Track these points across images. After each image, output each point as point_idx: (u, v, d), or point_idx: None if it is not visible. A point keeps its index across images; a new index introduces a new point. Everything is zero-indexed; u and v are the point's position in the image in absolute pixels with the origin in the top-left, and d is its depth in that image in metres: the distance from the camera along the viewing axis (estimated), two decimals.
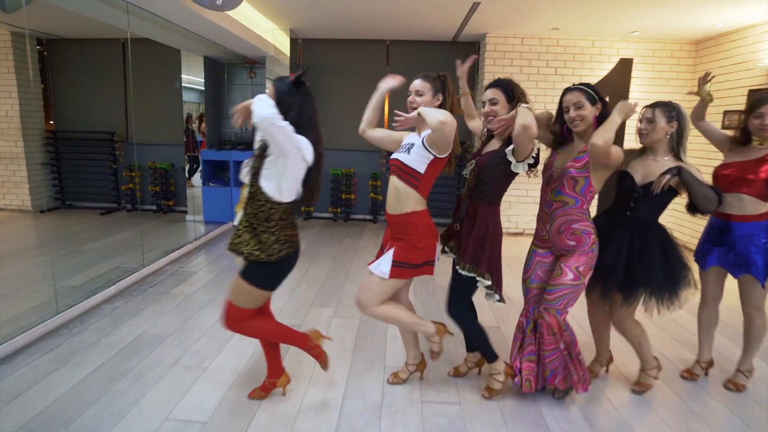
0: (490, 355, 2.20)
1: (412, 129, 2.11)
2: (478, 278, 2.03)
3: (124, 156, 6.07)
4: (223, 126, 6.40)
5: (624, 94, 5.58)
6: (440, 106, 2.01)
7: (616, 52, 5.51)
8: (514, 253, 4.69)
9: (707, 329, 2.45)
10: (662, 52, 5.48)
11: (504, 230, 2.32)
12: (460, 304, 2.16)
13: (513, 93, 2.02)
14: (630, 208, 2.13)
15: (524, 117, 1.83)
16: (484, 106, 2.08)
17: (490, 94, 2.05)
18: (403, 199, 1.97)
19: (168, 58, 5.46)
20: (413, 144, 1.99)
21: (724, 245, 2.27)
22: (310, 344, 2.07)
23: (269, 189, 1.77)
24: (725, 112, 4.87)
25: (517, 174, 2.01)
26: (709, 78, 2.32)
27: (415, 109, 1.95)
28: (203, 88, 5.84)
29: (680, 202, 2.16)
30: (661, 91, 5.52)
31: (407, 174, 1.96)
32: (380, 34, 5.80)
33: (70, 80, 6.10)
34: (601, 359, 2.47)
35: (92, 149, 6.10)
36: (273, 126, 1.64)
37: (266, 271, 1.86)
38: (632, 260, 2.07)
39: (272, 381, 2.14)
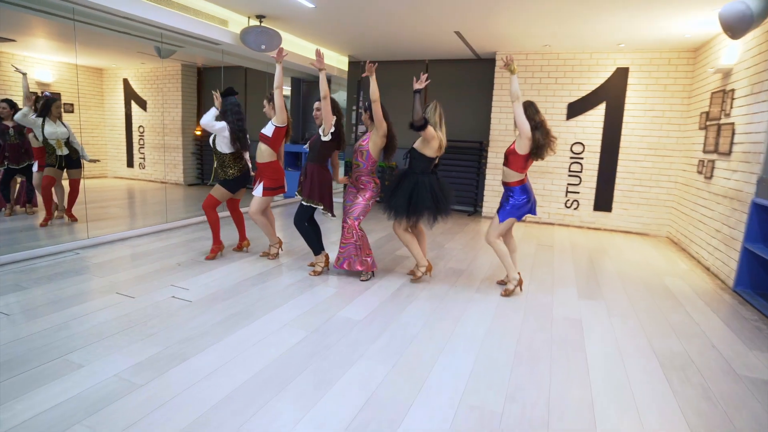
0: (316, 250, 3.79)
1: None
2: (313, 205, 3.63)
3: None
4: (301, 128, 8.65)
5: (621, 100, 6.25)
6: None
7: (613, 62, 6.23)
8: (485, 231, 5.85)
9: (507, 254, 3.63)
10: (659, 60, 6.03)
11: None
12: (302, 221, 3.73)
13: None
14: (410, 165, 3.59)
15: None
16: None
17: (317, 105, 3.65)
18: (264, 153, 3.75)
19: (269, 79, 7.86)
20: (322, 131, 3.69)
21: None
22: (217, 247, 4.02)
23: (222, 148, 3.71)
24: (701, 113, 5.34)
25: (328, 142, 3.54)
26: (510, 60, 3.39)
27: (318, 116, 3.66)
28: (289, 96, 8.15)
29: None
30: (658, 97, 6.08)
31: (264, 139, 3.76)
32: (420, 55, 7.40)
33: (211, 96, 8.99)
34: (419, 266, 3.75)
35: None
36: (207, 125, 3.62)
37: (229, 182, 3.84)
38: (408, 197, 3.46)
39: (217, 247, 4.08)
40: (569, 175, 6.68)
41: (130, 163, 9.08)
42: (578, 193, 6.68)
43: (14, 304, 2.93)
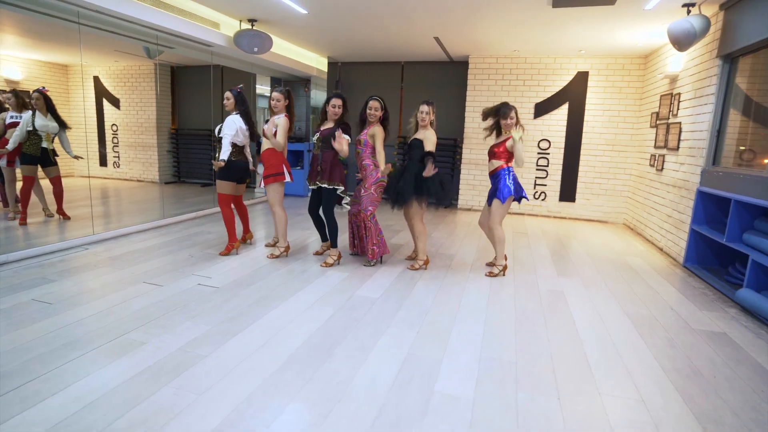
0: (334, 243, 4.06)
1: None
2: (336, 187, 3.89)
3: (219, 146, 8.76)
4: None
5: (582, 100, 6.93)
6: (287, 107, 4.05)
7: (575, 67, 6.89)
8: (464, 221, 6.35)
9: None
10: (615, 66, 6.75)
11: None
12: (330, 208, 3.99)
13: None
14: (411, 155, 3.96)
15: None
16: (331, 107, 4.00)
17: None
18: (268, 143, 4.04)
19: (246, 79, 7.99)
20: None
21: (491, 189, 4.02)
22: (232, 244, 4.20)
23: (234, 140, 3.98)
24: (651, 113, 6.07)
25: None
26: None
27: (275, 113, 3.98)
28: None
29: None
30: (614, 98, 6.80)
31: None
32: (396, 57, 7.79)
33: (187, 94, 8.96)
34: (419, 259, 4.13)
35: (199, 142, 8.88)
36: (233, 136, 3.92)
37: (226, 171, 4.05)
38: (416, 180, 3.83)
39: (232, 244, 4.25)
40: (537, 169, 7.30)
41: (103, 162, 8.93)
42: (545, 185, 7.31)
43: (51, 294, 3.07)
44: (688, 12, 4.34)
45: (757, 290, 3.43)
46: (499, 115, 3.89)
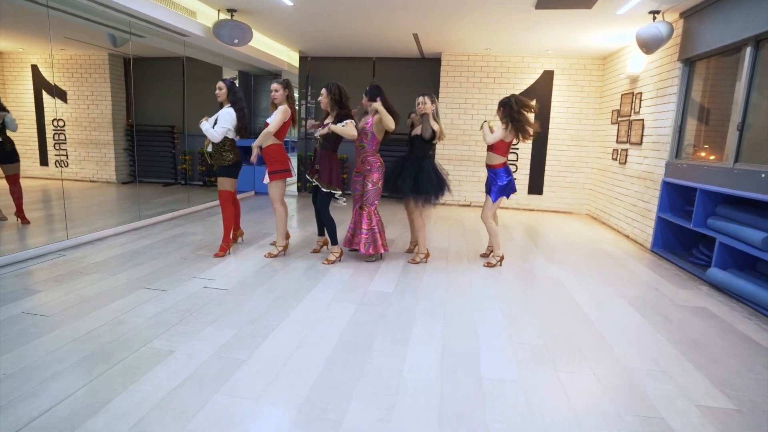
0: (334, 241, 4.04)
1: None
2: (333, 191, 3.85)
3: (180, 144, 8.31)
4: (252, 122, 8.54)
5: (548, 98, 7.30)
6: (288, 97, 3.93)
7: (541, 66, 7.25)
8: (460, 216, 6.52)
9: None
10: (577, 66, 7.18)
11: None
12: (326, 208, 3.97)
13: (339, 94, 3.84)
14: (411, 151, 4.01)
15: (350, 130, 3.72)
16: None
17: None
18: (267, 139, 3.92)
19: (213, 72, 7.64)
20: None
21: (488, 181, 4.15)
22: (227, 244, 4.07)
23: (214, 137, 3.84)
24: (612, 111, 6.53)
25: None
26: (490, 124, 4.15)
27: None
28: None
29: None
30: (576, 96, 7.23)
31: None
32: (368, 52, 7.78)
33: (144, 88, 8.42)
34: (420, 252, 4.24)
35: (158, 138, 8.38)
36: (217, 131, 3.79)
37: (230, 168, 3.92)
38: (414, 180, 3.91)
39: (227, 244, 4.11)
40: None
41: (44, 161, 8.19)
42: (516, 179, 7.63)
43: (44, 306, 2.82)
44: (654, 18, 4.73)
45: (723, 269, 3.84)
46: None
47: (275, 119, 3.81)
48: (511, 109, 4.03)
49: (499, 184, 4.09)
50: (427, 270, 3.97)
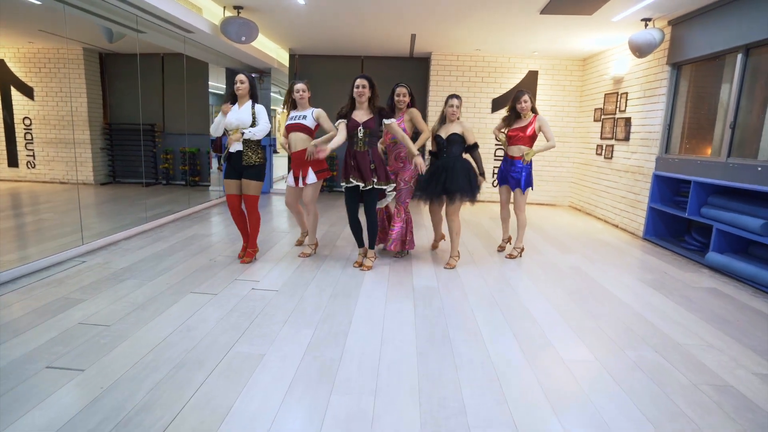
0: (372, 244, 3.96)
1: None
2: (384, 186, 3.77)
3: (161, 143, 7.94)
4: None
5: (533, 96, 7.65)
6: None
7: (526, 66, 7.59)
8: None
9: (505, 220, 4.54)
10: (559, 66, 7.58)
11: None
12: (375, 206, 3.87)
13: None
14: (443, 152, 4.07)
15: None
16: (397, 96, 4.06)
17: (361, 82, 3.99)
18: (303, 142, 3.89)
19: (197, 69, 7.35)
20: (305, 116, 3.92)
21: (510, 173, 4.32)
22: (253, 249, 3.93)
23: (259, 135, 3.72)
24: (595, 109, 6.97)
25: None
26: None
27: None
28: (223, 93, 7.76)
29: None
30: (559, 95, 7.63)
31: (304, 130, 3.90)
32: (357, 51, 7.79)
33: (122, 85, 7.95)
34: (437, 239, 4.47)
35: (138, 137, 7.95)
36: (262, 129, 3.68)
37: (261, 171, 3.76)
38: (447, 179, 4.00)
39: (253, 250, 3.97)
40: (495, 159, 7.91)
41: (12, 162, 7.58)
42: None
43: (96, 316, 2.68)
44: (646, 25, 5.12)
45: (720, 253, 4.26)
46: (515, 101, 4.25)
47: (331, 124, 3.87)
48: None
49: (525, 177, 4.25)
50: (458, 266, 4.10)
